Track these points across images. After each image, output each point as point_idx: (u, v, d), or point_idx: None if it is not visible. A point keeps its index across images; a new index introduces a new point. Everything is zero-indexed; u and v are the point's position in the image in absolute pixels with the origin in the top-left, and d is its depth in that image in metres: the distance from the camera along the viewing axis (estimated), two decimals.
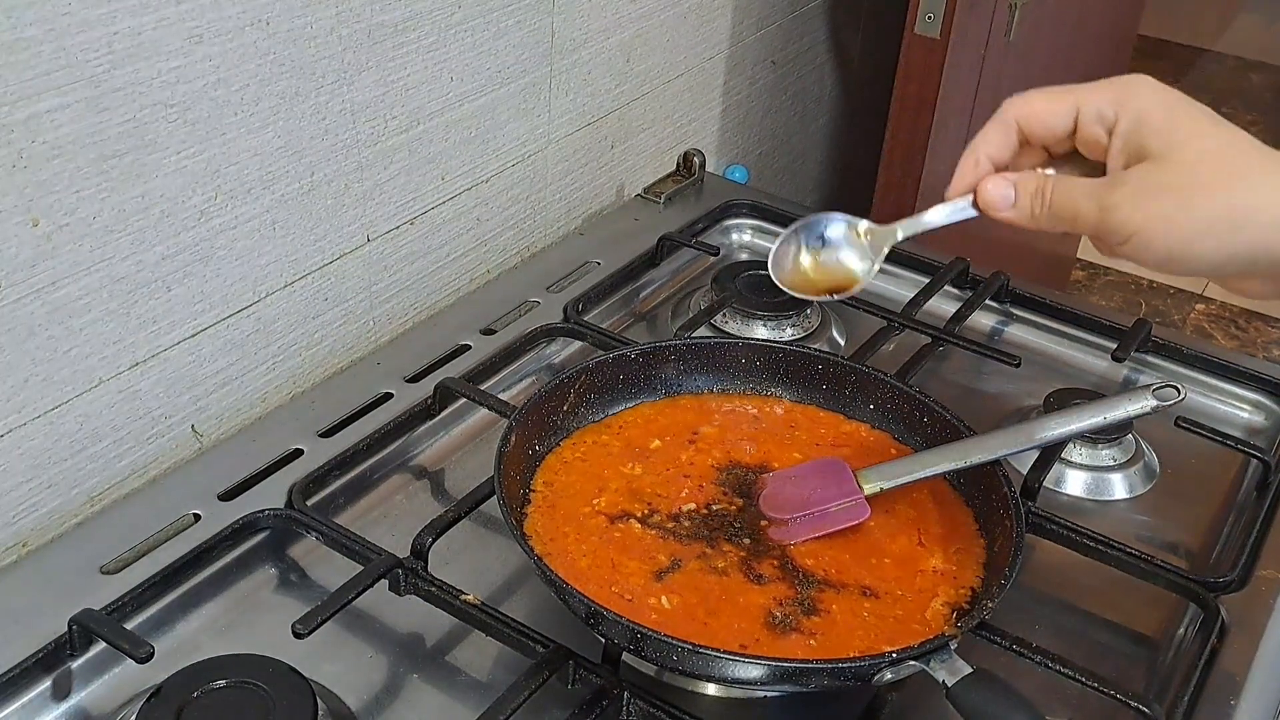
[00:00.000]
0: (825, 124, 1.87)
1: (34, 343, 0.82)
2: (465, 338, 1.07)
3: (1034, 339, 1.18)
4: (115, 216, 0.84)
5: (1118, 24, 2.34)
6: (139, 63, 0.81)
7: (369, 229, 1.06)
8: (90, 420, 0.88)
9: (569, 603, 0.75)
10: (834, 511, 0.83)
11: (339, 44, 0.95)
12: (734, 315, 1.13)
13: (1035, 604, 0.88)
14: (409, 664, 0.79)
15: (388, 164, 1.05)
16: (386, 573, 0.80)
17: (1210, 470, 1.03)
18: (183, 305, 0.91)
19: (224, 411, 0.99)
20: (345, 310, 1.07)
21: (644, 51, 1.33)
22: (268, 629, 0.80)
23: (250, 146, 0.91)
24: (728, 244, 1.30)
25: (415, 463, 0.97)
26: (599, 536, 0.81)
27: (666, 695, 0.75)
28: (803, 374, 0.96)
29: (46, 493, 0.87)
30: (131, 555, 0.83)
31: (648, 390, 0.94)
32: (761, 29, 1.56)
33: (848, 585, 0.79)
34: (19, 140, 0.76)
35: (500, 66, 1.13)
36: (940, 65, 1.50)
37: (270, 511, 0.86)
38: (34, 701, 0.74)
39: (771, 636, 0.75)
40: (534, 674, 0.74)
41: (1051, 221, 0.60)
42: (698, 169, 1.38)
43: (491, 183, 1.18)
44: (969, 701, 0.69)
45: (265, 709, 0.71)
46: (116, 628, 0.75)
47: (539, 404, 0.87)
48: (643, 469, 0.88)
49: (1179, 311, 2.96)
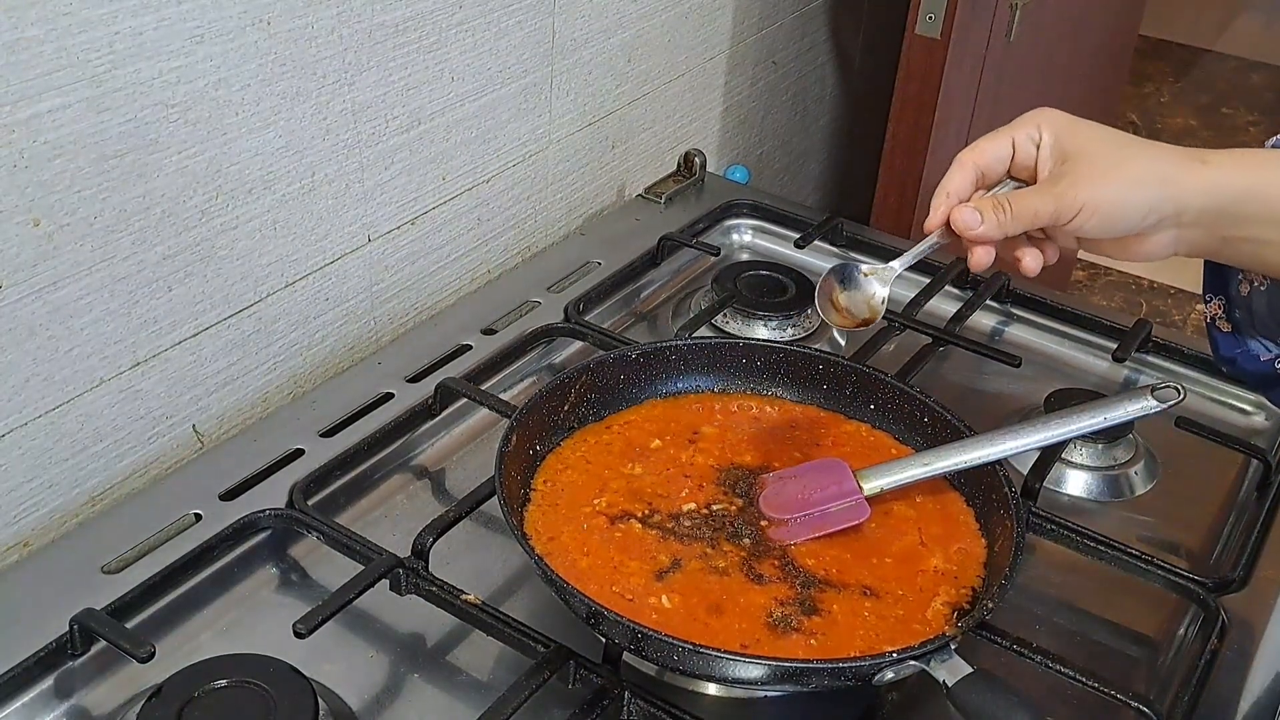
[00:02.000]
0: (826, 124, 1.87)
1: (35, 342, 0.82)
2: (466, 338, 1.07)
3: (1034, 339, 1.18)
4: (116, 216, 0.84)
5: (1118, 24, 2.34)
6: (140, 63, 0.81)
7: (370, 229, 1.06)
8: (91, 420, 0.88)
9: (570, 603, 0.75)
10: (834, 511, 0.83)
11: (340, 44, 0.95)
12: (734, 315, 1.13)
13: (1035, 604, 0.88)
14: (410, 664, 0.79)
15: (389, 164, 1.05)
16: (387, 572, 0.80)
17: (1210, 470, 1.02)
18: (184, 305, 0.91)
19: (225, 411, 0.99)
20: (346, 310, 1.07)
21: (645, 52, 1.33)
22: (269, 629, 0.80)
23: (251, 146, 0.91)
24: (728, 244, 1.30)
25: (416, 463, 0.97)
26: (600, 536, 0.81)
27: (667, 695, 0.76)
28: (803, 374, 0.96)
29: (48, 492, 0.87)
30: (133, 555, 0.83)
31: (648, 390, 0.94)
32: (762, 29, 1.57)
33: (848, 585, 0.79)
34: (20, 140, 0.76)
35: (501, 67, 1.13)
36: (941, 66, 1.51)
37: (271, 511, 0.86)
38: (35, 701, 0.74)
39: (772, 636, 0.75)
40: (534, 674, 0.74)
41: (1016, 224, 0.74)
42: (698, 169, 1.38)
43: (492, 183, 1.18)
44: (969, 701, 0.69)
45: (266, 709, 0.71)
46: (117, 627, 0.75)
47: (540, 404, 0.87)
48: (643, 469, 0.88)
49: (1179, 311, 2.96)
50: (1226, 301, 0.82)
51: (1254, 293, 0.80)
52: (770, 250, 1.30)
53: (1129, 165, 0.73)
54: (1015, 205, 0.74)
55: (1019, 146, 0.76)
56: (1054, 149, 0.75)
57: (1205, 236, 0.75)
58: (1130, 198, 0.73)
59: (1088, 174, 0.73)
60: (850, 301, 0.81)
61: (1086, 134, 0.75)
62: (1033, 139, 0.76)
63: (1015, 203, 0.74)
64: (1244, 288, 0.80)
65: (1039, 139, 0.76)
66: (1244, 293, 0.80)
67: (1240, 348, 0.81)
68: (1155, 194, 0.73)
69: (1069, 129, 0.75)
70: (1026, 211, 0.74)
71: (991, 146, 0.77)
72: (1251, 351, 0.80)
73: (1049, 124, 0.76)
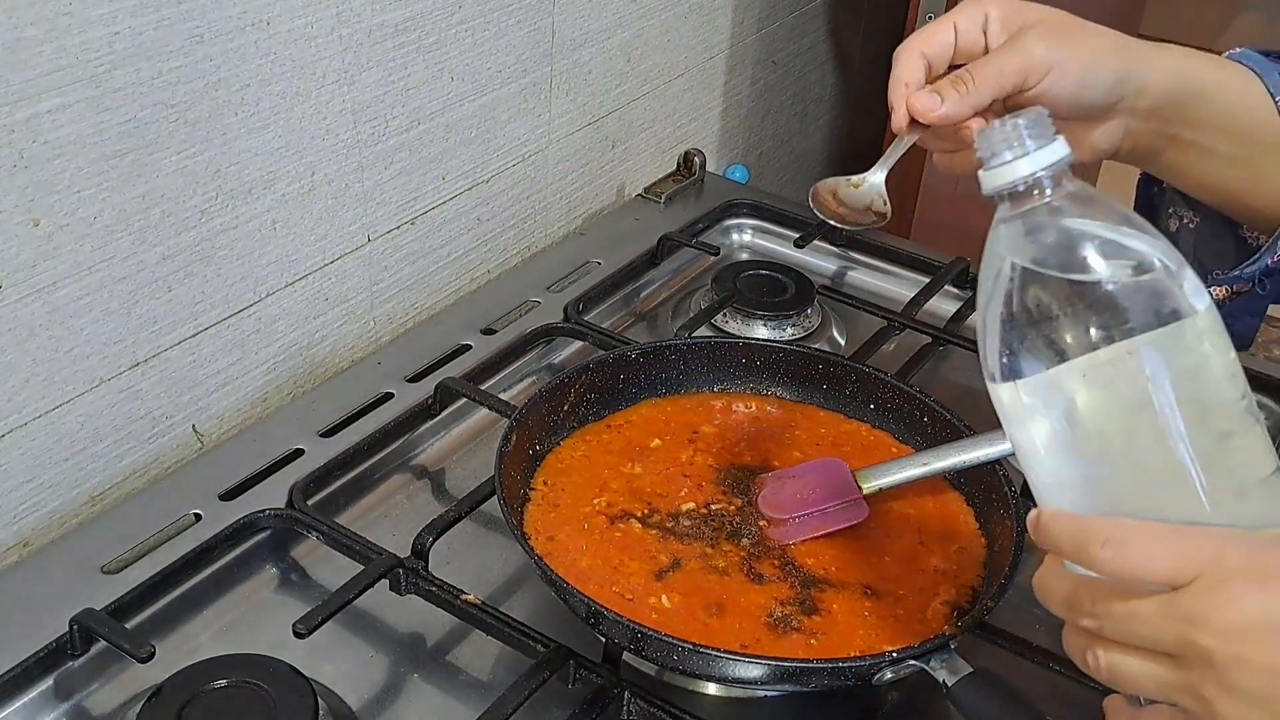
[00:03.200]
0: (826, 124, 1.87)
1: (35, 342, 0.82)
2: (466, 337, 1.07)
3: None
4: (116, 216, 0.84)
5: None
6: (140, 63, 0.81)
7: (370, 229, 1.06)
8: (91, 420, 0.88)
9: (569, 602, 0.75)
10: (832, 511, 0.83)
11: (339, 44, 0.95)
12: (734, 315, 1.13)
13: (1035, 604, 0.87)
14: (409, 664, 0.79)
15: (388, 164, 1.05)
16: (387, 572, 0.80)
17: None
18: (184, 305, 0.91)
19: (225, 411, 0.99)
20: (346, 310, 1.07)
21: (644, 51, 1.33)
22: (268, 629, 0.80)
23: (251, 146, 0.91)
24: (728, 244, 1.30)
25: (416, 462, 0.97)
26: (600, 536, 0.81)
27: (667, 695, 0.76)
28: (803, 374, 0.96)
29: (48, 492, 0.87)
30: (132, 555, 0.83)
31: (648, 390, 0.94)
32: (762, 29, 1.57)
33: (848, 584, 0.79)
34: (20, 140, 0.76)
35: (501, 66, 1.13)
36: None
37: (271, 511, 0.86)
38: (35, 701, 0.74)
39: (772, 636, 0.75)
40: (534, 674, 0.74)
41: (980, 94, 0.68)
42: (698, 169, 1.38)
43: (492, 183, 1.18)
44: (969, 701, 0.69)
45: (266, 709, 0.71)
46: (117, 628, 0.75)
47: (539, 404, 0.87)
48: (643, 468, 0.88)
49: None
50: None
51: (1182, 229, 0.78)
52: (770, 250, 1.30)
53: (1091, 32, 0.70)
54: (977, 72, 0.68)
55: (962, 30, 0.70)
56: (1004, 25, 0.70)
57: (1154, 133, 0.71)
58: (1100, 61, 0.68)
59: (1054, 35, 0.68)
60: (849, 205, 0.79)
61: (1037, 9, 0.71)
62: (976, 21, 0.70)
63: (976, 69, 0.68)
64: (1173, 223, 0.78)
65: (984, 20, 0.70)
66: (1173, 229, 0.78)
67: None
68: (1123, 63, 0.69)
69: (1016, 7, 0.70)
70: (991, 74, 0.68)
71: (932, 30, 0.71)
72: None
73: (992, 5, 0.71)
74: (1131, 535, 0.54)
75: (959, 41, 0.70)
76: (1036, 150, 0.58)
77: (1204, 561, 0.52)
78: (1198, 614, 0.52)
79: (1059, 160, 0.58)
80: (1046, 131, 0.58)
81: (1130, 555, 0.54)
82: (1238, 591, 0.52)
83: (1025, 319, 0.58)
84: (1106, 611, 0.55)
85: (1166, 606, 0.53)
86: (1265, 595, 0.51)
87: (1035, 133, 0.58)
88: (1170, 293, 0.56)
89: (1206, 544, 0.53)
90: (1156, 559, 0.53)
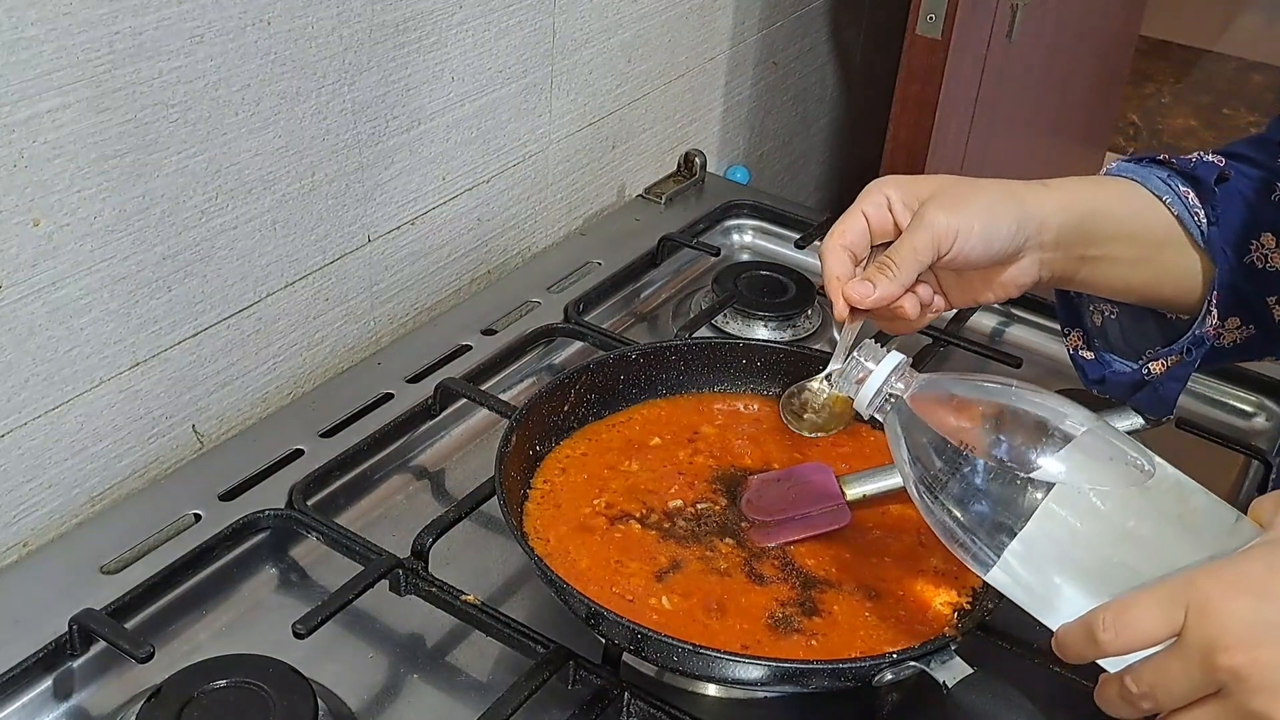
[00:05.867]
0: (826, 124, 1.87)
1: (35, 342, 0.82)
2: (466, 338, 1.07)
3: (1035, 340, 1.18)
4: (116, 216, 0.84)
5: (1119, 25, 2.34)
6: (140, 63, 0.81)
7: (370, 229, 1.06)
8: (91, 420, 0.88)
9: (569, 603, 0.75)
10: (815, 516, 0.83)
11: (340, 44, 0.95)
12: (735, 316, 1.13)
13: None
14: (409, 664, 0.79)
15: (389, 164, 1.05)
16: (387, 573, 0.80)
17: (1211, 472, 1.01)
18: (183, 305, 0.91)
19: (225, 411, 0.99)
20: (346, 310, 1.07)
21: (645, 52, 1.33)
22: (268, 629, 0.80)
23: (251, 146, 0.91)
24: (728, 244, 1.30)
25: (416, 463, 0.97)
26: (600, 537, 0.81)
27: (667, 696, 0.75)
28: (803, 374, 0.95)
29: (47, 493, 0.87)
30: (132, 555, 0.83)
31: (648, 390, 0.94)
32: (763, 29, 1.57)
33: (849, 585, 0.79)
34: (20, 140, 0.76)
35: (501, 66, 1.13)
36: (942, 66, 1.51)
37: (271, 511, 0.86)
38: (34, 701, 0.74)
39: (772, 637, 0.75)
40: (534, 674, 0.74)
41: (905, 273, 0.74)
42: (699, 169, 1.38)
43: (492, 183, 1.18)
44: (969, 702, 0.69)
45: (265, 709, 0.71)
46: (117, 628, 0.75)
47: (539, 404, 0.87)
48: (639, 465, 0.88)
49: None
50: (1084, 332, 0.86)
51: (1106, 321, 0.85)
52: (770, 250, 1.30)
53: (982, 190, 0.75)
54: (896, 255, 0.74)
55: (871, 215, 0.76)
56: (905, 202, 0.76)
57: (1065, 258, 0.77)
58: (997, 214, 0.74)
59: (949, 203, 0.74)
60: (814, 412, 0.81)
61: (928, 181, 0.77)
62: (880, 205, 0.76)
63: (895, 253, 0.74)
64: (1096, 318, 0.85)
65: (887, 201, 0.76)
66: (1097, 323, 0.85)
67: (1106, 369, 0.84)
68: (1018, 210, 0.74)
69: (910, 183, 0.77)
70: (907, 254, 0.74)
71: (847, 224, 0.77)
72: (1116, 369, 0.84)
73: (890, 185, 0.77)
74: (1120, 608, 0.60)
75: (871, 226, 0.76)
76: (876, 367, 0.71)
77: (1181, 595, 0.58)
78: (1205, 641, 0.57)
79: (897, 365, 0.71)
80: (877, 353, 0.72)
81: (1129, 624, 0.59)
82: (1222, 605, 0.57)
83: (966, 512, 0.66)
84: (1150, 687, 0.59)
85: (1181, 650, 0.58)
86: (1248, 599, 0.57)
87: (869, 356, 0.72)
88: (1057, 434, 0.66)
89: (1176, 580, 0.59)
90: (1149, 615, 0.59)
